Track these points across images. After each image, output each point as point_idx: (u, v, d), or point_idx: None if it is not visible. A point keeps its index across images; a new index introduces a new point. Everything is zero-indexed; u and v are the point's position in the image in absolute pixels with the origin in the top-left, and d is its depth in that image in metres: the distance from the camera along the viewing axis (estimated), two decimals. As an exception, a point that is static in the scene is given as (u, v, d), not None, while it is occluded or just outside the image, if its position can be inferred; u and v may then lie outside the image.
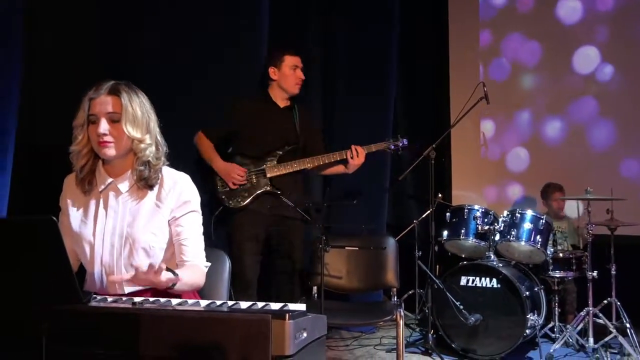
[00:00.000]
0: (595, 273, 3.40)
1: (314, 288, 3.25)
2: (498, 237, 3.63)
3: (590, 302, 3.38)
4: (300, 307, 1.36)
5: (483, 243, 3.67)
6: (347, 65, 4.48)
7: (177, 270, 1.70)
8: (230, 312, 1.33)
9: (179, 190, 1.80)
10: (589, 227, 3.40)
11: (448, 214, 3.83)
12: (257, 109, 3.24)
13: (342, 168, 3.34)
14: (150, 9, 3.17)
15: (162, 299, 1.50)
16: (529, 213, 3.62)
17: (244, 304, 1.42)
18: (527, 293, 3.39)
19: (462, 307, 3.36)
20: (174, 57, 3.22)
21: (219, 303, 1.43)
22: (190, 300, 1.50)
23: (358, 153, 3.23)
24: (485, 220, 3.67)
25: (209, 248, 1.90)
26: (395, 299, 3.21)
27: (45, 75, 2.71)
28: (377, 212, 4.43)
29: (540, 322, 3.50)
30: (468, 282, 3.49)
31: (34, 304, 1.33)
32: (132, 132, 1.72)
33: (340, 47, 4.47)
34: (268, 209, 3.19)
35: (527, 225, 3.58)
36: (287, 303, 1.40)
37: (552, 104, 4.58)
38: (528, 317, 3.31)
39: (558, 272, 3.61)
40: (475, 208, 3.75)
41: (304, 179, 3.46)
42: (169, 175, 1.82)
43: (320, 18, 4.39)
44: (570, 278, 3.71)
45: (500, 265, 3.49)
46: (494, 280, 3.44)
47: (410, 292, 4.04)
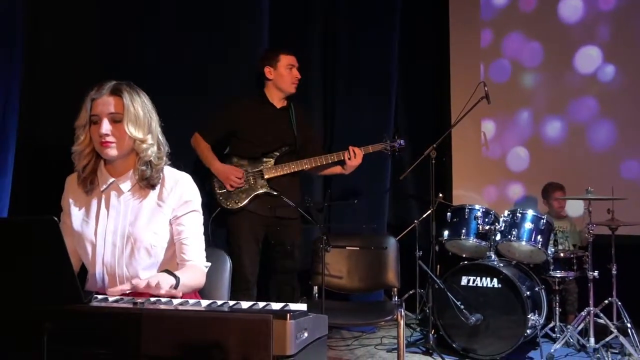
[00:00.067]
0: (596, 273, 3.39)
1: (315, 288, 3.25)
2: (499, 237, 3.63)
3: (591, 302, 3.38)
4: (302, 307, 1.35)
5: (484, 243, 3.67)
6: (347, 65, 4.48)
7: (177, 272, 1.71)
8: (232, 312, 1.33)
9: (181, 190, 1.80)
10: (590, 227, 3.40)
11: (449, 214, 3.82)
12: (253, 110, 3.24)
13: (339, 169, 3.34)
14: (150, 9, 3.17)
15: (163, 299, 1.51)
16: (530, 213, 3.62)
17: (245, 304, 1.42)
18: (527, 293, 3.39)
19: (462, 307, 3.36)
20: (174, 57, 3.22)
21: (220, 303, 1.43)
22: (192, 300, 1.50)
23: (355, 154, 3.23)
24: (486, 220, 3.67)
25: (210, 248, 1.90)
26: (396, 299, 3.21)
27: (46, 76, 2.71)
28: (377, 211, 4.43)
29: (541, 322, 3.50)
30: (469, 282, 3.49)
31: (35, 304, 1.33)
32: (134, 132, 1.72)
33: (341, 47, 4.48)
34: (266, 210, 3.19)
35: (528, 225, 3.58)
36: (288, 303, 1.40)
37: (553, 104, 4.57)
38: (529, 317, 3.31)
39: (559, 272, 3.61)
40: (476, 208, 3.75)
41: (301, 180, 3.46)
42: (171, 175, 1.82)
43: (321, 18, 4.39)
44: (571, 278, 3.70)
45: (501, 265, 3.49)
46: (495, 280, 3.44)
47: (411, 292, 4.04)
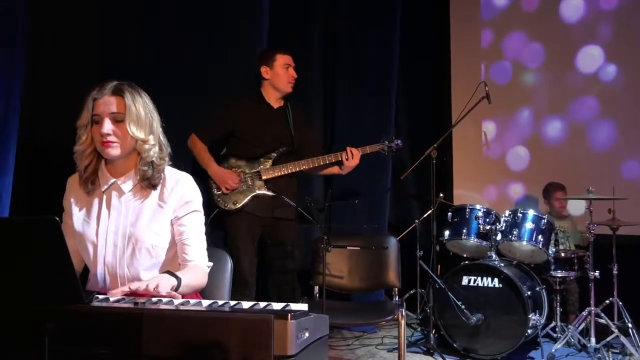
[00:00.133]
0: (597, 273, 3.39)
1: (316, 288, 3.25)
2: (500, 236, 3.63)
3: (592, 302, 3.38)
4: (302, 307, 1.35)
5: (485, 243, 3.67)
6: (348, 65, 4.48)
7: (179, 273, 1.71)
8: (233, 312, 1.32)
9: (182, 190, 1.80)
10: (591, 226, 3.40)
11: (449, 214, 3.82)
12: (251, 111, 3.23)
13: (337, 169, 3.34)
14: (150, 9, 3.17)
15: (164, 299, 1.51)
16: (531, 213, 3.62)
17: (246, 304, 1.41)
18: (528, 293, 3.38)
19: (463, 306, 3.36)
20: (174, 57, 3.22)
21: (221, 303, 1.43)
22: (193, 300, 1.50)
23: (353, 155, 3.23)
24: (487, 220, 3.67)
25: (210, 248, 1.90)
26: (397, 299, 3.22)
27: (46, 76, 2.71)
28: (378, 211, 4.43)
29: (542, 321, 3.50)
30: (470, 281, 3.49)
31: (37, 304, 1.33)
32: (135, 132, 1.72)
33: (341, 47, 4.47)
34: (263, 211, 3.19)
35: (528, 225, 3.58)
36: (289, 303, 1.40)
37: (553, 103, 4.56)
38: (530, 316, 3.31)
39: (560, 271, 3.61)
40: (477, 208, 3.75)
41: (301, 180, 3.46)
42: (172, 175, 1.82)
43: (321, 18, 4.39)
44: (572, 278, 3.70)
45: (502, 265, 3.49)
46: (496, 280, 3.43)
47: (412, 291, 4.04)
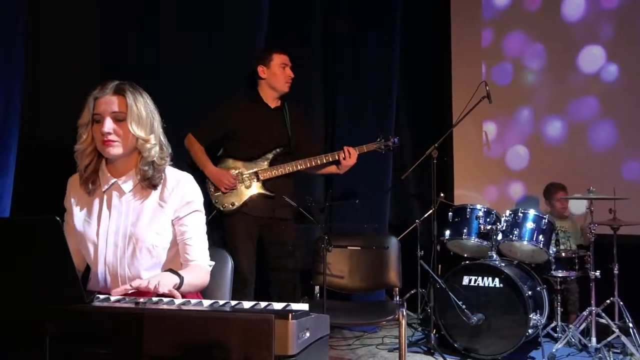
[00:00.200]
0: (598, 273, 3.39)
1: (316, 287, 3.25)
2: (500, 236, 3.63)
3: (593, 301, 3.37)
4: (303, 306, 1.35)
5: (485, 242, 3.66)
6: (348, 65, 4.47)
7: (181, 272, 1.71)
8: (233, 312, 1.32)
9: (182, 190, 1.81)
10: (592, 226, 3.40)
11: (450, 214, 3.82)
12: (248, 111, 3.23)
13: (334, 168, 3.34)
14: (150, 9, 3.17)
15: (165, 299, 1.51)
16: (532, 212, 3.62)
17: (247, 304, 1.41)
18: (529, 292, 3.38)
19: (464, 306, 3.36)
20: (174, 57, 3.21)
21: (222, 303, 1.43)
22: (193, 300, 1.50)
23: (350, 154, 3.23)
24: (488, 220, 3.67)
25: (211, 247, 1.90)
26: (398, 299, 3.21)
27: (46, 76, 2.71)
28: (379, 211, 4.43)
29: (543, 321, 3.50)
30: (470, 281, 3.49)
31: (38, 304, 1.33)
32: (137, 131, 1.73)
33: (342, 47, 4.47)
34: (261, 211, 3.19)
35: (529, 225, 3.58)
36: (289, 303, 1.40)
37: (554, 103, 4.55)
38: (530, 316, 3.31)
39: (560, 271, 3.60)
40: (478, 207, 3.75)
41: (301, 180, 3.46)
42: (172, 175, 1.82)
43: (321, 18, 4.38)
44: (573, 278, 3.70)
45: (503, 265, 3.49)
46: (497, 280, 3.43)
47: (413, 291, 4.04)
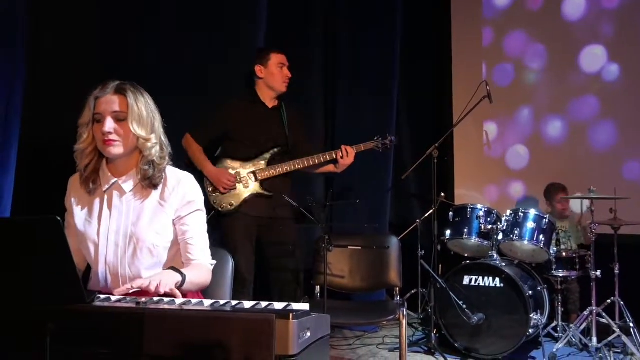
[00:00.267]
0: (599, 272, 3.39)
1: (317, 287, 3.25)
2: (501, 236, 3.62)
3: (594, 301, 3.37)
4: (304, 306, 1.35)
5: (486, 242, 3.66)
6: (348, 65, 4.47)
7: (183, 270, 1.72)
8: (234, 311, 1.32)
9: (183, 190, 1.81)
10: (593, 226, 3.39)
11: (451, 213, 3.82)
12: (246, 111, 3.23)
13: (332, 167, 3.34)
14: (150, 9, 3.17)
15: (166, 299, 1.51)
16: (532, 212, 3.62)
17: (248, 304, 1.41)
18: (530, 292, 3.38)
19: (465, 306, 3.36)
20: (174, 57, 3.21)
21: (223, 303, 1.43)
22: (194, 300, 1.50)
23: (348, 153, 3.23)
24: (488, 220, 3.67)
25: (212, 247, 1.90)
26: (398, 299, 3.21)
27: (46, 76, 2.71)
28: (379, 211, 4.43)
29: (544, 321, 3.50)
30: (471, 281, 3.49)
31: (39, 304, 1.33)
32: (138, 130, 1.73)
33: (342, 47, 4.47)
34: (259, 211, 3.19)
35: (530, 225, 3.58)
36: (290, 303, 1.40)
37: (554, 102, 4.54)
38: (531, 316, 3.31)
39: (561, 271, 3.60)
40: (478, 207, 3.75)
41: (301, 180, 3.45)
42: (173, 175, 1.83)
43: (321, 18, 4.38)
44: (574, 277, 3.69)
45: (504, 265, 3.49)
46: (497, 280, 3.43)
47: (413, 291, 4.04)
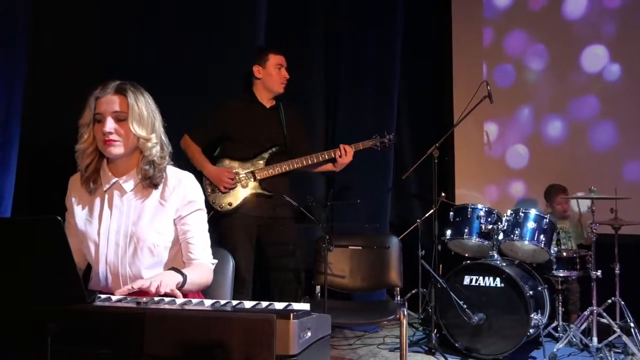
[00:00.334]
0: (599, 272, 3.39)
1: (318, 287, 3.25)
2: (501, 236, 3.62)
3: (594, 301, 3.37)
4: (304, 306, 1.35)
5: (486, 242, 3.66)
6: (349, 65, 4.47)
7: (184, 270, 1.72)
8: (235, 311, 1.32)
9: (184, 190, 1.81)
10: (593, 226, 3.39)
11: (451, 213, 3.82)
12: (244, 111, 3.23)
13: (330, 166, 3.34)
14: (150, 9, 3.17)
15: (166, 299, 1.51)
16: (533, 212, 3.61)
17: (248, 304, 1.41)
18: (530, 292, 3.38)
19: (465, 306, 3.36)
20: (174, 57, 3.21)
21: (223, 302, 1.43)
22: (195, 300, 1.50)
23: (346, 152, 3.24)
24: (489, 220, 3.67)
25: (213, 247, 1.90)
26: (399, 298, 3.21)
27: (46, 76, 2.71)
28: (380, 211, 4.43)
29: (544, 321, 3.50)
30: (471, 281, 3.49)
31: (39, 304, 1.33)
32: (138, 130, 1.73)
33: (342, 47, 4.47)
34: (259, 211, 3.19)
35: (530, 225, 3.58)
36: (291, 303, 1.40)
37: (554, 102, 4.53)
38: (532, 316, 3.30)
39: (562, 271, 3.60)
40: (479, 207, 3.75)
41: (300, 180, 3.45)
42: (173, 174, 1.83)
43: (321, 18, 4.38)
44: (574, 277, 3.69)
45: (504, 265, 3.49)
46: (498, 280, 3.43)
47: (414, 291, 4.04)
